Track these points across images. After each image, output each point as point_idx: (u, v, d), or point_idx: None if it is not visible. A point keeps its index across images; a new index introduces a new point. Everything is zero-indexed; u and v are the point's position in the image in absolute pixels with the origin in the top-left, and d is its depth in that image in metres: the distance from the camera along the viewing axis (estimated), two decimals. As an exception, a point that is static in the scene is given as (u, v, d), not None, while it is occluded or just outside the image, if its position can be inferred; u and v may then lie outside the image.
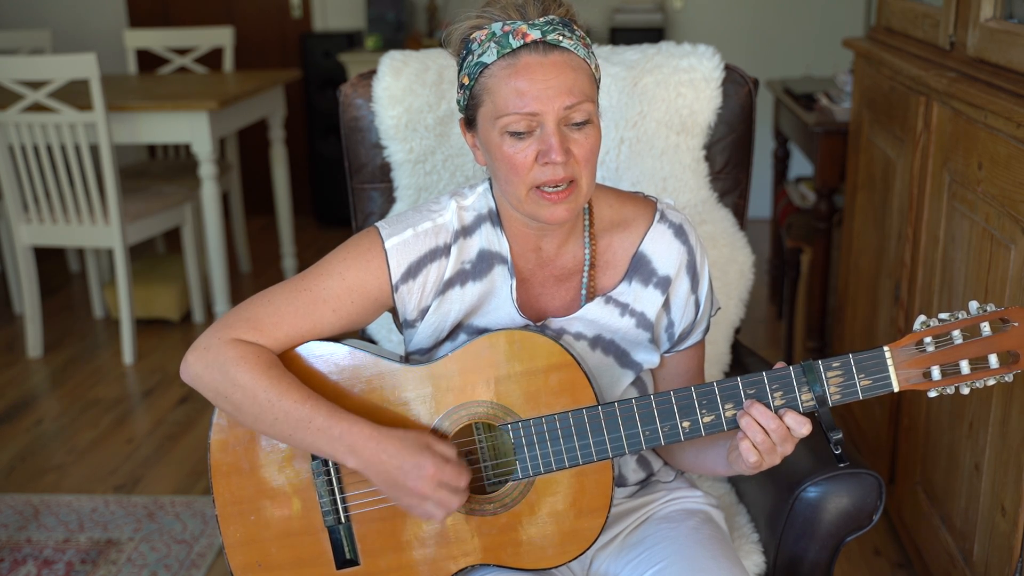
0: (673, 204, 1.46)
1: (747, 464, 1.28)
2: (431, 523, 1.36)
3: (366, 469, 1.29)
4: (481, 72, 1.28)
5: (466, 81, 1.30)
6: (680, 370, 1.49)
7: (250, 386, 1.30)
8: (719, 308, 1.52)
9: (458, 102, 1.35)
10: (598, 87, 1.33)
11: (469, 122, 1.34)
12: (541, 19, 1.27)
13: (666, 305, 1.43)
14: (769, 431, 1.25)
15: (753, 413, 1.26)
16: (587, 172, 1.29)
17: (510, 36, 1.25)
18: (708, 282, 1.45)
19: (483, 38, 1.27)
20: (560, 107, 1.25)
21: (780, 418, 1.26)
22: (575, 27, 1.29)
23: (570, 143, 1.27)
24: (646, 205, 1.44)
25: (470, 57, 1.29)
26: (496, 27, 1.27)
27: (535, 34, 1.25)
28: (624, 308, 1.42)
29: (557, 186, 1.28)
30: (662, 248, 1.41)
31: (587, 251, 1.41)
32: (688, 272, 1.43)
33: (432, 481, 1.27)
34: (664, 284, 1.42)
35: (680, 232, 1.42)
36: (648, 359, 1.45)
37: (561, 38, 1.26)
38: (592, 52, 1.31)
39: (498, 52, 1.26)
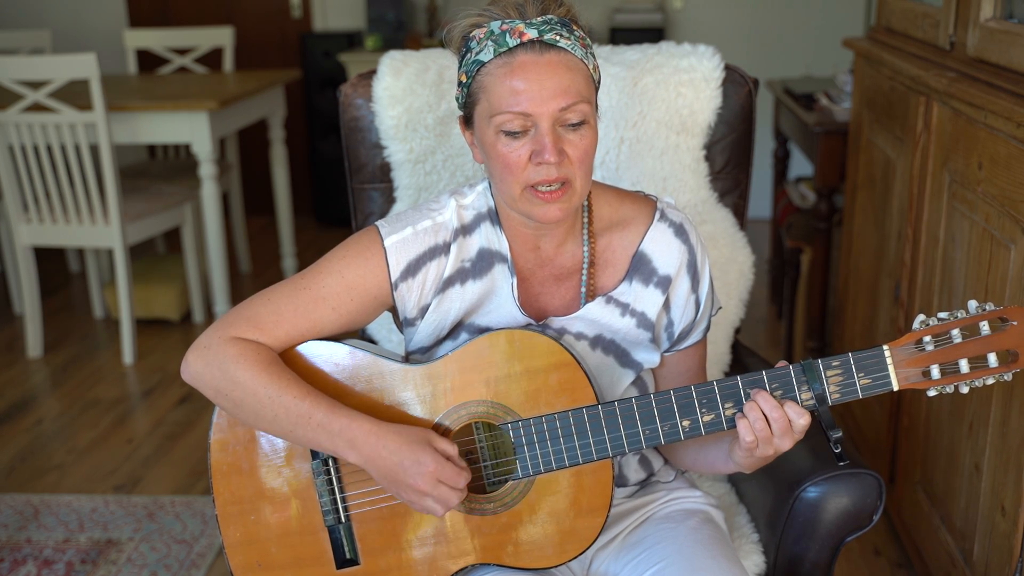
0: (673, 203, 1.46)
1: (743, 445, 1.27)
2: (431, 523, 1.36)
3: (366, 464, 1.30)
4: (478, 70, 1.28)
5: (464, 79, 1.31)
6: (681, 369, 1.49)
7: (250, 383, 1.30)
8: (720, 308, 1.52)
9: (457, 99, 1.35)
10: (597, 88, 1.33)
11: (467, 120, 1.34)
12: (539, 18, 1.26)
13: (666, 304, 1.43)
14: (771, 420, 1.25)
15: (759, 400, 1.26)
16: (581, 173, 1.29)
17: (507, 35, 1.26)
18: (709, 281, 1.45)
19: (482, 36, 1.28)
20: (555, 108, 1.25)
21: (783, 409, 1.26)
22: (575, 27, 1.29)
23: (565, 144, 1.27)
24: (646, 204, 1.44)
25: (468, 55, 1.29)
26: (495, 25, 1.27)
27: (532, 33, 1.25)
28: (625, 308, 1.42)
29: (551, 186, 1.28)
30: (662, 247, 1.41)
31: (586, 250, 1.41)
32: (688, 271, 1.42)
33: (432, 478, 1.27)
34: (665, 283, 1.42)
35: (680, 231, 1.42)
36: (648, 358, 1.44)
37: (558, 38, 1.26)
38: (591, 53, 1.31)
39: (495, 50, 1.26)
